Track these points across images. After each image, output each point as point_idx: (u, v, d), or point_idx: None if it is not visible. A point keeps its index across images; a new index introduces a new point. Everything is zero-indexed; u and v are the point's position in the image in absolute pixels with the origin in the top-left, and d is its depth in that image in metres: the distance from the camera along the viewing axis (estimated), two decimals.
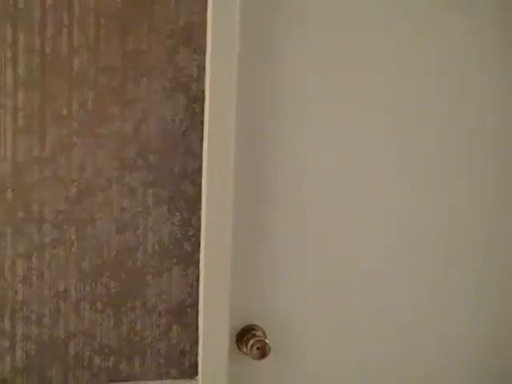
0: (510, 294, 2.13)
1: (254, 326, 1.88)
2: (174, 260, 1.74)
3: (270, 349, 1.82)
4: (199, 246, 1.75)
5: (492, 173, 2.06)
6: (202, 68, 1.71)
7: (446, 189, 2.03)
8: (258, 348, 1.81)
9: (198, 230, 1.74)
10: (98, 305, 1.70)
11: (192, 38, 1.70)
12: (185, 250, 1.74)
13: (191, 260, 1.75)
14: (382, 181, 1.97)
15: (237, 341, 1.87)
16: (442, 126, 2.01)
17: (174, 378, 1.77)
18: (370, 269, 1.99)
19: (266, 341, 1.82)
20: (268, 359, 1.87)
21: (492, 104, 2.04)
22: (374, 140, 1.95)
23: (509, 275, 2.12)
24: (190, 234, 1.74)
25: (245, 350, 1.84)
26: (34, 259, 1.66)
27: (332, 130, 1.91)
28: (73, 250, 1.67)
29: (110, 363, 1.73)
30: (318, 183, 1.91)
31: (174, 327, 1.75)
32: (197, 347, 1.77)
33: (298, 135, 1.88)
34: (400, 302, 2.03)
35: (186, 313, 1.76)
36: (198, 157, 1.72)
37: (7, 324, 1.66)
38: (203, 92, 1.71)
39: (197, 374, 1.78)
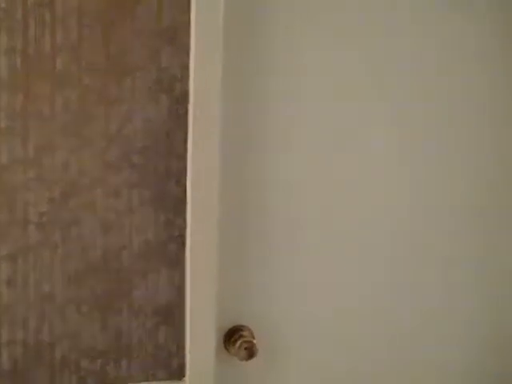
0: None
1: (242, 326, 1.87)
2: (160, 261, 1.73)
3: (257, 349, 1.81)
4: (185, 246, 1.74)
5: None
6: (185, 68, 1.71)
7: (445, 189, 2.04)
8: (245, 348, 1.80)
9: (184, 230, 1.74)
10: (84, 307, 1.69)
11: (176, 38, 1.69)
12: (170, 251, 1.73)
13: (177, 261, 1.74)
14: (377, 184, 1.97)
15: (224, 341, 1.86)
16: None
17: (162, 379, 1.76)
18: (359, 269, 1.98)
19: (254, 341, 1.81)
20: (256, 360, 1.87)
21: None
22: (367, 143, 1.95)
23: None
24: (176, 234, 1.73)
25: (232, 350, 1.83)
26: (18, 261, 1.64)
27: (320, 130, 1.91)
28: (58, 251, 1.66)
29: (97, 366, 1.71)
30: (306, 182, 1.91)
31: (161, 328, 1.74)
32: (184, 348, 1.76)
33: (285, 135, 1.88)
34: (393, 303, 2.03)
35: (172, 314, 1.75)
36: (183, 157, 1.72)
37: None
38: (187, 92, 1.71)
39: (184, 375, 1.77)
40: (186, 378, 1.75)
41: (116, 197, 1.69)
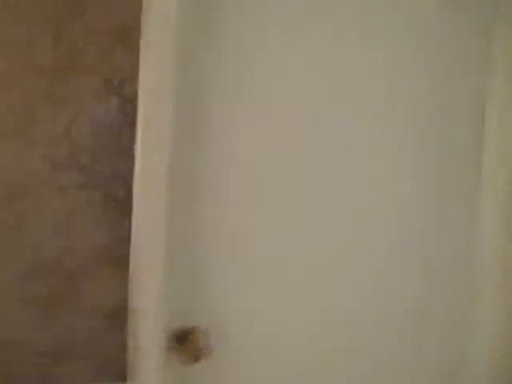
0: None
1: (190, 328, 1.85)
2: (107, 262, 1.72)
3: (207, 351, 1.81)
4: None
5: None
6: (136, 68, 1.70)
7: (396, 187, 2.06)
8: (195, 350, 1.79)
9: (130, 231, 1.73)
10: (30, 309, 1.68)
11: (126, 37, 1.68)
12: (117, 253, 1.73)
13: (124, 262, 1.74)
14: (326, 179, 1.98)
15: (174, 343, 1.85)
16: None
17: (108, 382, 1.75)
18: (313, 265, 1.99)
19: (204, 342, 1.81)
20: (206, 361, 1.86)
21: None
22: (317, 139, 1.96)
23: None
24: (122, 235, 1.73)
25: (180, 352, 1.82)
26: None
27: (269, 129, 1.91)
28: (3, 253, 1.65)
29: (41, 368, 1.70)
30: (255, 181, 1.91)
31: (108, 330, 1.74)
32: (131, 351, 1.75)
33: (235, 134, 1.87)
34: (347, 299, 2.05)
35: (119, 316, 1.74)
36: (131, 158, 1.72)
37: None
38: (136, 93, 1.70)
39: (131, 378, 1.76)
40: (133, 381, 1.75)
41: (63, 198, 1.68)
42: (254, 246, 1.92)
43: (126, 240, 1.73)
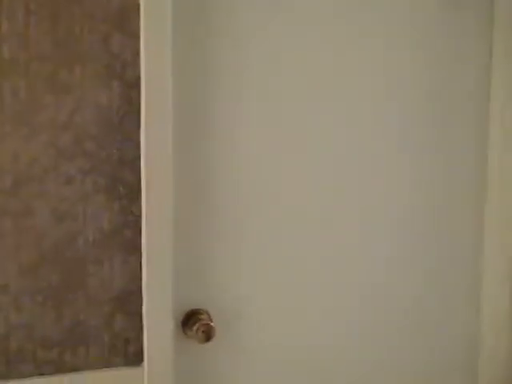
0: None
1: (199, 309, 1.87)
2: (115, 248, 1.72)
3: (215, 332, 1.82)
4: (140, 232, 1.73)
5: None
6: (136, 53, 1.70)
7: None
8: (203, 331, 1.80)
9: (139, 216, 1.73)
10: (39, 296, 1.68)
11: (125, 22, 1.68)
12: (126, 238, 1.72)
13: (133, 247, 1.73)
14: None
15: (182, 325, 1.86)
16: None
17: (120, 366, 1.75)
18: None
19: (211, 324, 1.81)
20: (214, 342, 1.87)
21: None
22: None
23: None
24: (131, 221, 1.72)
25: (190, 333, 1.83)
26: None
27: (275, 118, 1.92)
28: (11, 242, 1.65)
29: (54, 355, 1.70)
30: (259, 167, 1.91)
31: (118, 315, 1.74)
32: (141, 334, 1.75)
33: (237, 120, 1.88)
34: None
35: (129, 300, 1.74)
36: (137, 143, 1.71)
37: None
38: (139, 78, 1.70)
39: (142, 360, 1.76)
40: (144, 364, 1.75)
41: (69, 185, 1.67)
42: (256, 231, 1.92)
43: (136, 225, 1.73)
